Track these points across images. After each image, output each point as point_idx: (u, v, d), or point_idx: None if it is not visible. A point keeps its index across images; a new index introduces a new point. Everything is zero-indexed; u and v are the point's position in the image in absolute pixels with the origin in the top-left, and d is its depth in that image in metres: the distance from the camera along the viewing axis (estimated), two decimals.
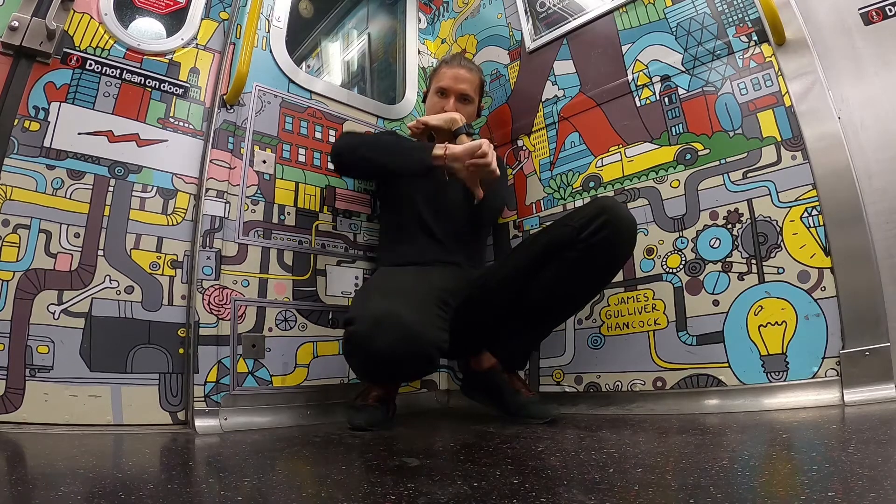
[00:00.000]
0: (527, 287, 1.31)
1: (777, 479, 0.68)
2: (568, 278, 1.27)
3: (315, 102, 1.73)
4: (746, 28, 1.33)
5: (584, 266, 1.25)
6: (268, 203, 1.55)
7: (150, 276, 1.32)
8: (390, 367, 1.11)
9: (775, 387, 1.15)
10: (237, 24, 1.59)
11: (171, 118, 1.44)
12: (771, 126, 1.25)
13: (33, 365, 1.13)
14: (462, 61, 1.65)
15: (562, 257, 1.26)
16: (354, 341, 1.13)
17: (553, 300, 1.32)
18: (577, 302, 1.38)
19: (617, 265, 1.32)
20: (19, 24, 1.20)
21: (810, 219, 1.17)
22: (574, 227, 1.24)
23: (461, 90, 1.60)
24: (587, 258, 1.23)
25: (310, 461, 0.94)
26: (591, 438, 1.02)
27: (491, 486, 0.67)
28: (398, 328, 1.08)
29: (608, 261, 1.28)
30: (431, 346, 1.13)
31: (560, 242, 1.26)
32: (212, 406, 1.31)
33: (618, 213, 1.23)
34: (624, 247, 1.27)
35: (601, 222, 1.20)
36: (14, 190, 1.18)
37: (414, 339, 1.09)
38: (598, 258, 1.25)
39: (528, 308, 1.33)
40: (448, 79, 1.61)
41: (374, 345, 1.08)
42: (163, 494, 0.67)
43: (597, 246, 1.21)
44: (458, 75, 1.61)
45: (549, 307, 1.34)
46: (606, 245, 1.22)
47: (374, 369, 1.18)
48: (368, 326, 1.10)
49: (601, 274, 1.31)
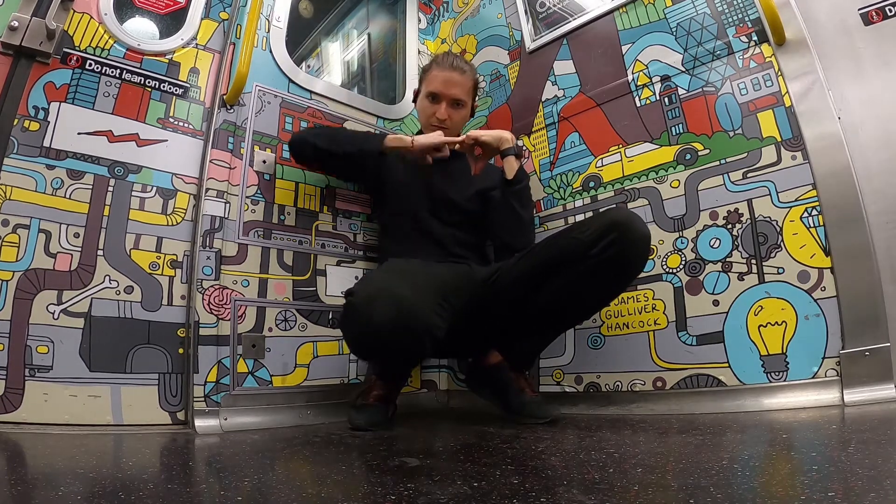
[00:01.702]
0: (534, 295, 1.30)
1: (777, 479, 0.68)
2: (577, 290, 1.25)
3: (315, 102, 1.73)
4: (746, 28, 1.33)
5: (593, 280, 1.23)
6: (268, 203, 1.55)
7: (150, 276, 1.32)
8: (382, 342, 1.12)
9: (775, 387, 1.15)
10: (237, 24, 1.59)
11: (171, 118, 1.44)
12: (771, 126, 1.25)
13: (33, 365, 1.13)
14: (454, 62, 1.56)
15: (570, 270, 1.24)
16: (351, 312, 1.15)
17: (561, 309, 1.31)
18: (586, 311, 1.37)
19: (628, 280, 1.29)
20: (19, 24, 1.20)
21: (810, 219, 1.17)
22: (584, 242, 1.21)
23: (453, 95, 1.53)
24: (597, 273, 1.21)
25: (310, 461, 0.94)
26: (591, 438, 1.02)
27: (491, 486, 0.67)
28: (394, 303, 1.10)
29: (618, 275, 1.26)
30: (424, 326, 1.13)
31: (569, 255, 1.24)
32: (212, 406, 1.31)
33: (630, 230, 1.19)
34: (635, 263, 1.25)
35: (612, 239, 1.17)
36: (14, 190, 1.18)
37: (408, 315, 1.10)
38: (608, 273, 1.22)
39: (535, 314, 1.32)
40: (439, 83, 1.54)
41: (369, 317, 1.09)
42: (163, 494, 0.67)
43: (607, 262, 1.19)
44: (449, 79, 1.53)
45: (556, 315, 1.33)
46: (617, 262, 1.20)
47: (367, 343, 1.17)
48: (365, 299, 1.12)
49: (611, 287, 1.29)
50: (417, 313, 1.12)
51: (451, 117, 1.54)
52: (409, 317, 1.10)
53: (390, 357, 1.23)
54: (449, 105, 1.54)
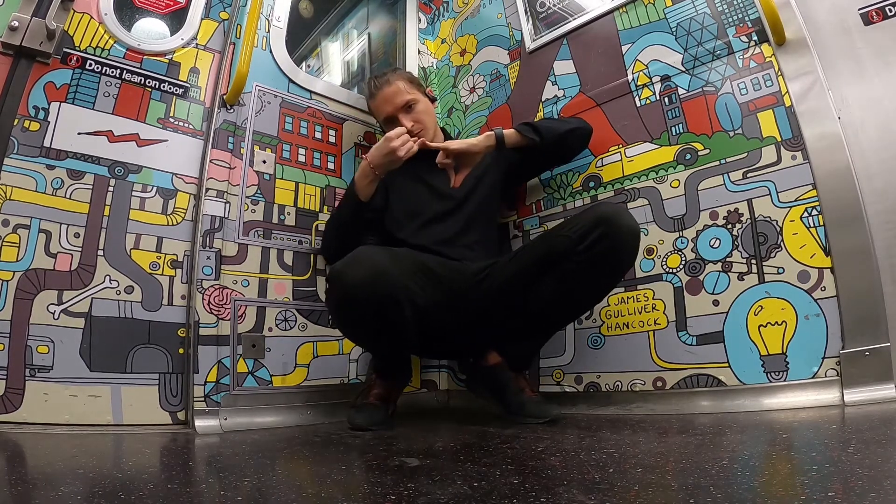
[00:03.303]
0: (526, 295, 1.30)
1: (777, 479, 0.68)
2: (568, 288, 1.26)
3: (315, 102, 1.73)
4: (746, 28, 1.33)
5: (584, 277, 1.24)
6: (268, 203, 1.55)
7: (150, 276, 1.32)
8: (356, 301, 1.16)
9: (775, 387, 1.15)
10: (237, 24, 1.59)
11: (171, 118, 1.44)
12: (771, 126, 1.25)
13: (33, 365, 1.14)
14: (375, 83, 1.57)
15: (560, 268, 1.24)
16: (331, 276, 1.20)
17: (553, 308, 1.31)
18: (579, 309, 1.37)
19: (618, 275, 1.30)
20: (19, 24, 1.20)
21: (810, 219, 1.17)
22: (571, 239, 1.21)
23: (398, 105, 1.52)
24: (586, 269, 1.21)
25: (310, 461, 0.94)
26: (591, 438, 1.02)
27: (491, 486, 0.67)
28: (368, 265, 1.16)
29: (608, 272, 1.26)
30: (396, 285, 1.18)
31: (557, 253, 1.24)
32: (212, 406, 1.31)
33: (616, 224, 1.19)
34: (624, 258, 1.25)
35: (599, 234, 1.18)
36: (14, 190, 1.18)
37: (379, 273, 1.16)
38: (596, 270, 1.23)
39: (529, 314, 1.32)
40: (381, 107, 1.55)
41: (345, 278, 1.15)
42: (163, 494, 0.67)
43: (595, 258, 1.19)
44: (383, 98, 1.54)
45: (549, 314, 1.33)
46: (605, 257, 1.20)
47: (345, 307, 1.22)
48: (342, 264, 1.18)
49: (602, 284, 1.30)
50: (388, 272, 1.17)
51: (415, 121, 1.52)
52: (381, 274, 1.16)
53: (368, 323, 1.22)
54: (404, 114, 1.53)
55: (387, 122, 1.57)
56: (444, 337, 1.43)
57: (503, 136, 1.41)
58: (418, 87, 1.61)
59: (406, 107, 1.53)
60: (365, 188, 1.44)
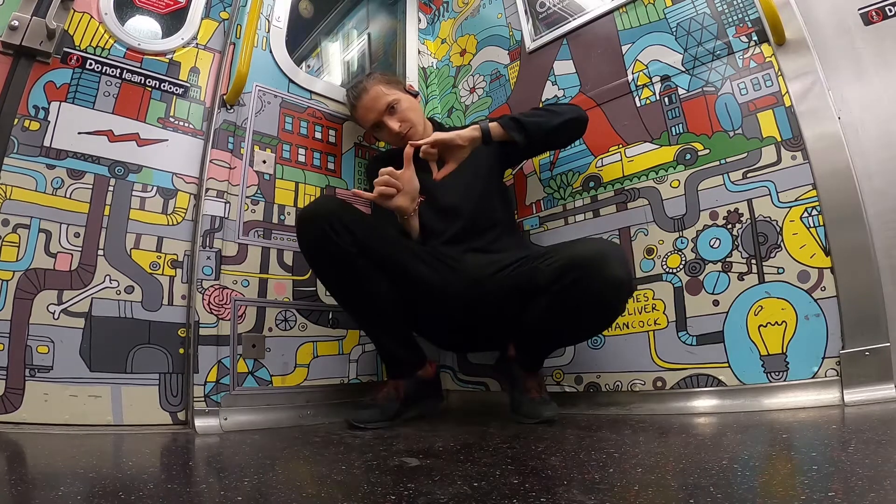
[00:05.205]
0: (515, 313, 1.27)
1: (777, 479, 0.68)
2: (551, 320, 1.22)
3: (315, 102, 1.73)
4: (746, 28, 1.33)
5: (564, 316, 1.19)
6: (268, 203, 1.55)
7: (150, 276, 1.32)
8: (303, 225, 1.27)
9: (775, 387, 1.15)
10: (237, 23, 1.59)
11: (172, 118, 1.44)
12: (771, 126, 1.25)
13: (33, 365, 1.13)
14: (353, 92, 1.56)
15: (540, 299, 1.20)
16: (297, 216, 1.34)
17: (545, 331, 1.28)
18: (568, 340, 1.37)
19: (603, 322, 1.24)
20: (19, 24, 1.20)
21: (810, 219, 1.17)
22: (545, 274, 1.16)
23: (381, 109, 1.50)
24: (564, 310, 1.17)
25: (310, 461, 0.94)
26: (591, 438, 1.02)
27: (491, 486, 0.67)
28: (319, 200, 1.35)
29: (589, 316, 1.19)
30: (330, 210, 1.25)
31: (535, 286, 1.19)
32: (212, 406, 1.31)
33: (595, 272, 1.08)
34: (601, 308, 1.16)
35: (572, 279, 1.10)
36: (14, 189, 1.18)
37: (322, 203, 1.31)
38: (578, 312, 1.16)
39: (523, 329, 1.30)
40: (366, 115, 1.53)
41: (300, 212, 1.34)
42: (163, 494, 0.67)
43: (570, 302, 1.14)
44: (366, 106, 1.52)
45: (542, 335, 1.31)
46: (579, 305, 1.14)
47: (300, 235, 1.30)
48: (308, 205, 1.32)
49: (586, 325, 1.25)
50: (329, 202, 1.32)
51: (402, 120, 1.50)
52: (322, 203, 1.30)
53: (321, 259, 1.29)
54: (389, 116, 1.51)
55: (374, 129, 1.57)
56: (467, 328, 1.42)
57: (489, 130, 1.35)
58: (396, 85, 1.58)
59: (389, 109, 1.51)
60: (409, 229, 1.40)
